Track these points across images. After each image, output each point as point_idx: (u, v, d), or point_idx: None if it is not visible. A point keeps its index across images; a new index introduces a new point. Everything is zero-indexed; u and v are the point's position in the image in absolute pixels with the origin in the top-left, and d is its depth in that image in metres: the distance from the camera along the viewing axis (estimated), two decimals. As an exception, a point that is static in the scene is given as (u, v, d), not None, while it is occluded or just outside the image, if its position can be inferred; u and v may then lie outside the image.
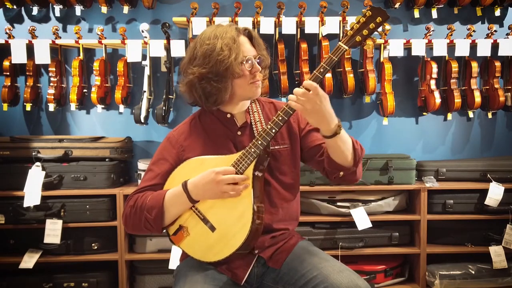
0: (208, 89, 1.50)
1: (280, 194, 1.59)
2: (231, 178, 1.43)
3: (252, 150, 1.45)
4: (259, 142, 1.45)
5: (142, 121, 2.89)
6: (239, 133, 1.59)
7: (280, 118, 1.44)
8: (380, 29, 1.45)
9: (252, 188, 1.45)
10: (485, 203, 2.67)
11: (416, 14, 2.97)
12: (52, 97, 2.87)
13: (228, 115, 1.60)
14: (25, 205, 2.55)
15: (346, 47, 1.40)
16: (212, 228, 1.48)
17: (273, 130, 1.44)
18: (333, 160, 1.47)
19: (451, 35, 2.90)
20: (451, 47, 2.89)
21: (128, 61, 2.87)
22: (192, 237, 1.51)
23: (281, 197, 1.59)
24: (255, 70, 1.53)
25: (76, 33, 2.85)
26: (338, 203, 2.69)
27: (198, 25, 2.76)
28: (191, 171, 1.52)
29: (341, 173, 1.49)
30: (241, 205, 1.46)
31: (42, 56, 2.78)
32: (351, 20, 2.77)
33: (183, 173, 1.54)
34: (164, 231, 1.56)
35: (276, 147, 1.59)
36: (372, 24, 1.38)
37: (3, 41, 2.81)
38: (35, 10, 2.94)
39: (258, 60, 1.54)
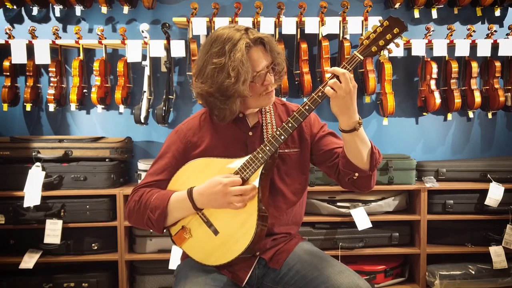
0: (217, 106, 1.48)
1: (286, 198, 1.57)
2: (238, 190, 1.40)
3: (260, 155, 1.43)
4: (267, 148, 1.42)
5: (142, 121, 2.89)
6: (250, 133, 1.56)
7: (290, 125, 1.41)
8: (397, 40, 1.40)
9: (258, 193, 1.43)
10: (485, 203, 2.67)
11: (416, 14, 2.97)
12: (52, 97, 2.87)
13: (241, 115, 1.56)
14: (25, 205, 2.55)
15: (362, 57, 1.35)
16: (216, 232, 1.47)
17: (282, 137, 1.41)
18: (349, 160, 1.44)
19: (451, 35, 2.90)
20: (451, 47, 2.89)
21: (128, 61, 2.87)
22: (194, 239, 1.50)
23: (287, 202, 1.57)
24: (267, 83, 1.47)
25: (76, 33, 2.85)
26: (338, 203, 2.69)
27: (198, 25, 2.76)
28: (196, 172, 1.51)
29: (356, 174, 1.45)
30: (246, 210, 1.43)
31: (42, 56, 2.78)
32: (351, 20, 2.76)
33: (188, 174, 1.53)
34: (166, 230, 1.54)
35: (286, 150, 1.56)
36: (389, 34, 1.34)
37: (3, 41, 2.81)
38: (35, 10, 2.94)
39: (272, 66, 1.48)
